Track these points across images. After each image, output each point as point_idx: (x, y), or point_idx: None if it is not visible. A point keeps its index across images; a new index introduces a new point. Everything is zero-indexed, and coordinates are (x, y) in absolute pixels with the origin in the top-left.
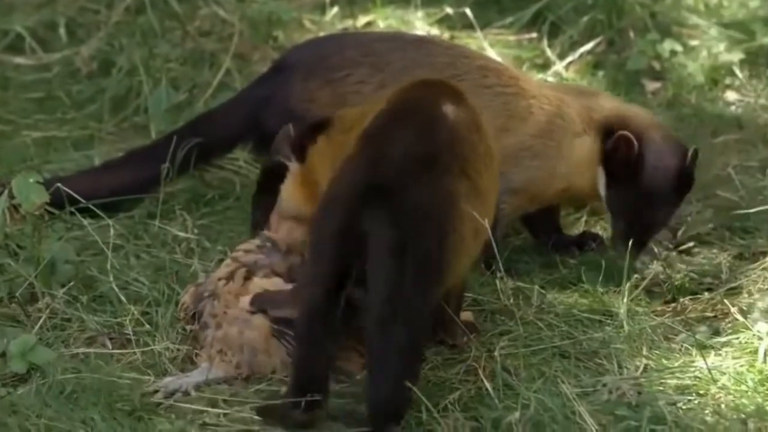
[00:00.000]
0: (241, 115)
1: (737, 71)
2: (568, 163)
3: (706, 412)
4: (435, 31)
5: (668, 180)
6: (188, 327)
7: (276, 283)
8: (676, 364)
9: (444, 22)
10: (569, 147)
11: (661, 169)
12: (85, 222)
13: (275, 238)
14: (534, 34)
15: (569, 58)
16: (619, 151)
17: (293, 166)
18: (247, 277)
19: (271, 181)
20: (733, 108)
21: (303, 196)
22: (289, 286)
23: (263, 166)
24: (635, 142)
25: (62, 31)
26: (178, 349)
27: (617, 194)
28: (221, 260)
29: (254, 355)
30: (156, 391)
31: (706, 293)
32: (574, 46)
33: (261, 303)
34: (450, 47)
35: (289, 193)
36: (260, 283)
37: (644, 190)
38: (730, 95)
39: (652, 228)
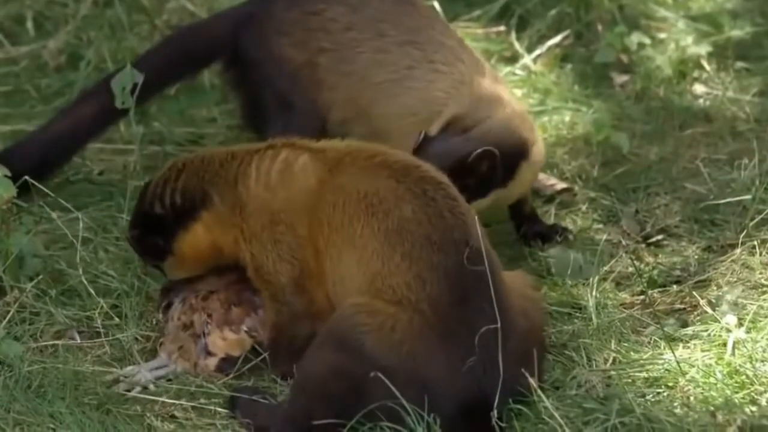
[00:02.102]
0: (222, 28)
1: (705, 64)
2: None
3: (675, 404)
4: None
5: None
6: (158, 315)
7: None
8: (645, 357)
9: None
10: None
11: None
12: (54, 215)
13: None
14: (502, 27)
15: (537, 52)
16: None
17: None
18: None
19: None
20: (701, 101)
21: (189, 267)
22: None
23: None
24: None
25: (30, 24)
26: (147, 339)
27: None
28: None
29: (208, 373)
30: (118, 381)
31: (674, 286)
32: (542, 39)
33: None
34: (427, 16)
35: (175, 273)
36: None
37: None
38: (698, 88)
39: None
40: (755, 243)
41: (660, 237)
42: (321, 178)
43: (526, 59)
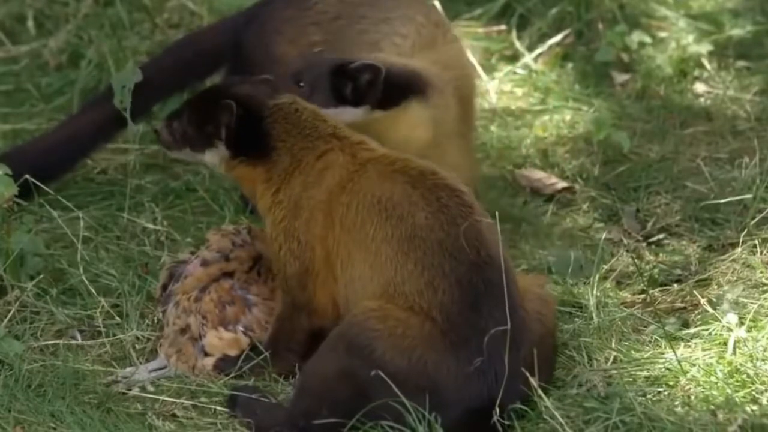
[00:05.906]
0: (225, 33)
1: (706, 63)
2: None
3: (676, 403)
4: None
5: None
6: (158, 310)
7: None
8: (646, 356)
9: None
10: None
11: None
12: (55, 214)
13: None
14: (503, 26)
15: (538, 50)
16: None
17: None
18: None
19: None
20: (701, 100)
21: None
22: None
23: None
24: None
25: (30, 23)
26: (147, 339)
27: None
28: (192, 252)
29: (207, 373)
30: (117, 381)
31: (675, 285)
32: (542, 38)
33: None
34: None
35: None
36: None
37: None
38: (699, 87)
39: None
40: (756, 242)
41: (661, 236)
42: (342, 180)
43: (527, 58)
